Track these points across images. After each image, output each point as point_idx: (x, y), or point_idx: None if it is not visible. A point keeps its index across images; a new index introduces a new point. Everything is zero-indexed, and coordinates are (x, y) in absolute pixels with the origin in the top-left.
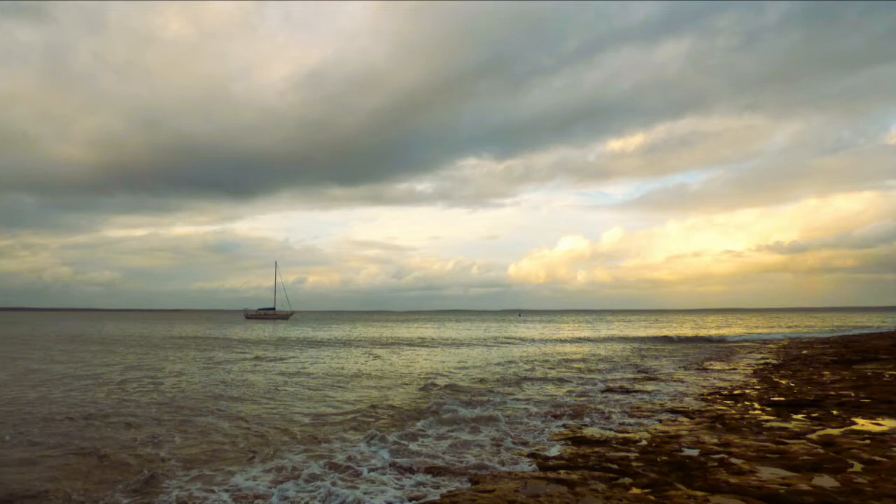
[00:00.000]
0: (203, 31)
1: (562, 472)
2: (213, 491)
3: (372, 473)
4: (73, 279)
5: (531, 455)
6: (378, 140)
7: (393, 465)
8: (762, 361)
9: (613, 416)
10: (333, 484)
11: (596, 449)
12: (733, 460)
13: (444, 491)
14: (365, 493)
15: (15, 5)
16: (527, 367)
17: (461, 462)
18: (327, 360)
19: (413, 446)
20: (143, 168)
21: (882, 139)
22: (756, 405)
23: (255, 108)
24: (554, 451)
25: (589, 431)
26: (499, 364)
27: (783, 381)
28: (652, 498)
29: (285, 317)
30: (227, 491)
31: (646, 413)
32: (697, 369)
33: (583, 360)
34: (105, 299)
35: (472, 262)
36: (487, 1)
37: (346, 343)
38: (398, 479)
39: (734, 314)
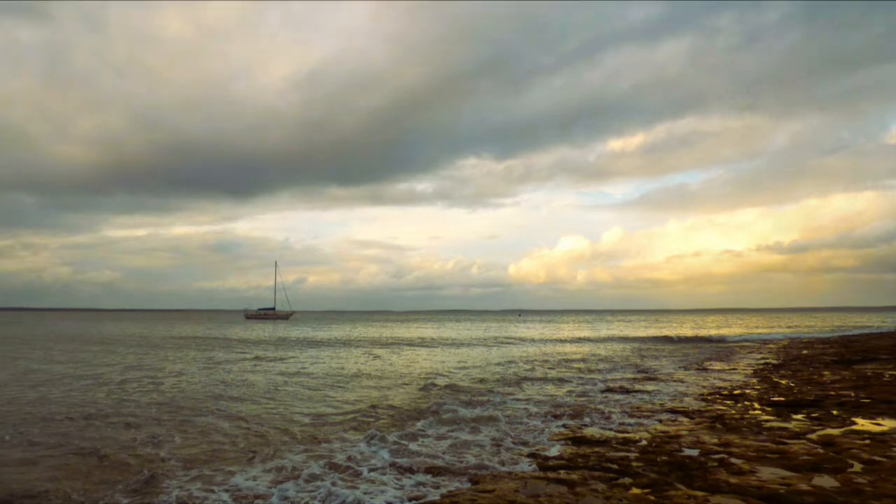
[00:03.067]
0: (203, 31)
1: (562, 472)
2: (213, 491)
3: (372, 473)
4: (73, 279)
5: (531, 455)
6: (378, 140)
7: (393, 465)
8: (762, 361)
9: (613, 416)
10: (333, 484)
11: (596, 449)
12: (733, 460)
13: (444, 491)
14: (365, 493)
15: (15, 5)
16: (527, 367)
17: (461, 462)
18: (327, 360)
19: (413, 446)
20: (143, 168)
21: (882, 139)
22: (756, 405)
23: (255, 108)
24: (554, 451)
25: (589, 431)
26: (499, 364)
27: (783, 381)
28: (652, 498)
29: (285, 317)
30: (227, 491)
31: (646, 413)
32: (697, 369)
33: (583, 360)
34: (105, 299)
35: (472, 262)
36: (487, 1)
37: (346, 343)
38: (398, 479)
39: (734, 314)
